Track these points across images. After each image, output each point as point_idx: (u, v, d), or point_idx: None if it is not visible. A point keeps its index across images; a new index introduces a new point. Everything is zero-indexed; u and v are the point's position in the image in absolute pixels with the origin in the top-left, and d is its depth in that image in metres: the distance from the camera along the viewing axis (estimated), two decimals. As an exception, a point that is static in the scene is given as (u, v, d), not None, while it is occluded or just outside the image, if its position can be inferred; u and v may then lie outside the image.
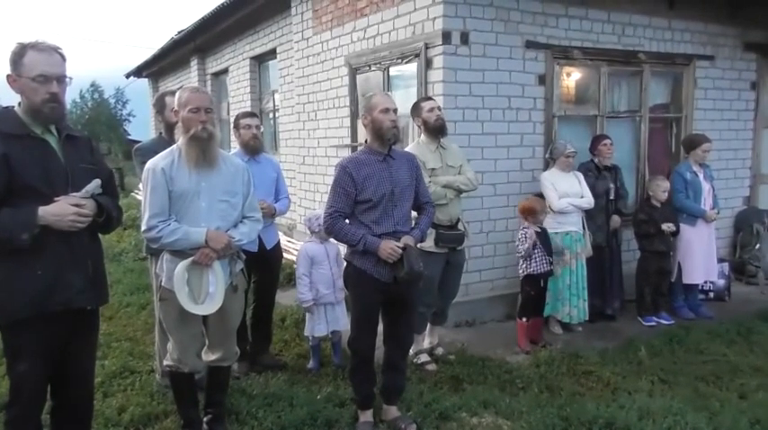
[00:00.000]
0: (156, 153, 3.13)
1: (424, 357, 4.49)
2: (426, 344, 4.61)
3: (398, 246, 3.20)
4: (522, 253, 4.81)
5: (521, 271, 4.92)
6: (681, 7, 6.40)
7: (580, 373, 4.34)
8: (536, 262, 4.81)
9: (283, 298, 5.51)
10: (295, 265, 4.63)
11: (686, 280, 5.79)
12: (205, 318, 3.12)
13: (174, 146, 3.11)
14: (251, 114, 4.58)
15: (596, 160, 5.58)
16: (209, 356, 3.26)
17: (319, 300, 4.37)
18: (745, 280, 6.80)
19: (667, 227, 5.50)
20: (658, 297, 5.66)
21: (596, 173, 5.52)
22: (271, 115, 9.73)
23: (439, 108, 4.47)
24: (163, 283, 3.10)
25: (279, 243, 4.60)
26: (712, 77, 6.81)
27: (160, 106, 3.94)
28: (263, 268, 4.38)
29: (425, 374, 4.30)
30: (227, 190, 3.10)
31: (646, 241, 5.63)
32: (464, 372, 4.28)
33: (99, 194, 2.55)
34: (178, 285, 2.95)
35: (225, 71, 11.15)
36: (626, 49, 6.16)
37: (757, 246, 6.84)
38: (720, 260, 6.38)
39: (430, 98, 4.69)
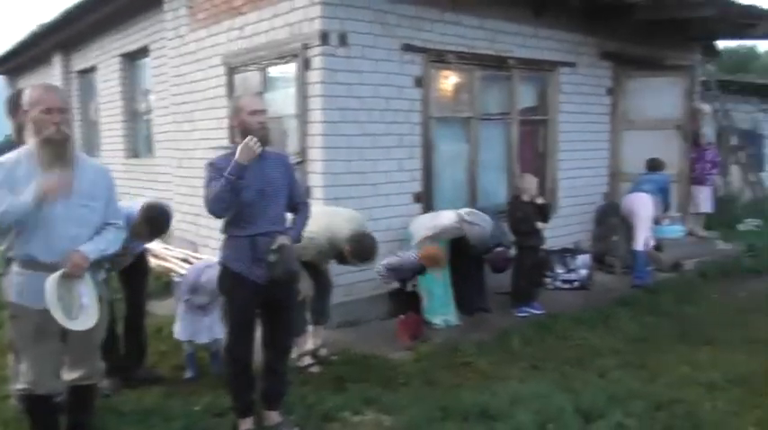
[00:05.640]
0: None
1: (308, 359, 4.48)
2: (310, 345, 4.60)
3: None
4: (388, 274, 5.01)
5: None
6: (546, 16, 6.82)
7: (458, 365, 4.51)
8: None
9: (160, 307, 5.28)
10: (177, 278, 4.48)
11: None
12: (64, 332, 2.90)
13: (24, 148, 2.87)
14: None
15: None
16: (70, 375, 3.02)
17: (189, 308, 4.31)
18: (605, 269, 7.37)
19: (543, 225, 5.87)
20: (531, 289, 6.01)
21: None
22: (144, 117, 9.28)
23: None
24: (13, 299, 2.85)
25: (145, 248, 4.42)
26: (574, 83, 7.32)
27: (13, 106, 3.61)
28: (131, 276, 4.18)
29: (309, 376, 4.28)
30: (87, 194, 2.91)
31: (523, 238, 5.95)
32: (347, 372, 4.31)
33: None
34: (51, 301, 2.72)
35: (92, 69, 10.46)
36: (497, 54, 6.48)
37: (614, 237, 7.44)
38: (583, 251, 6.91)
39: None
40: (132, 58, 9.33)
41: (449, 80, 6.39)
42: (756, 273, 7.64)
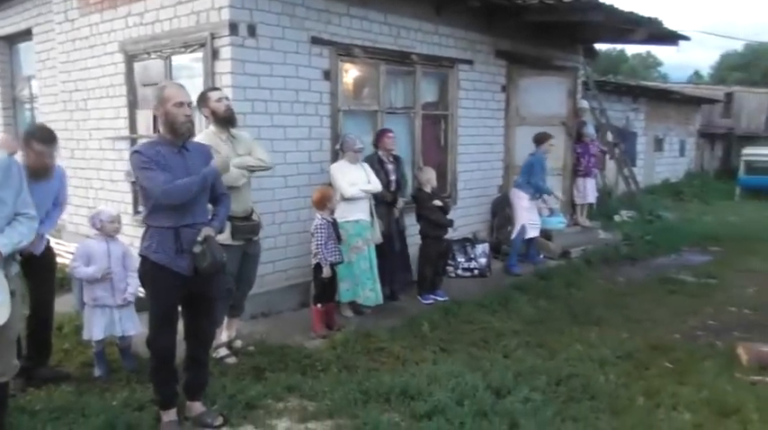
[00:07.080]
0: None
1: (224, 351, 4.45)
2: (224, 337, 4.56)
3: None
4: (315, 249, 5.01)
5: (313, 260, 5.10)
6: (446, 14, 7.11)
7: (373, 350, 4.66)
8: (328, 251, 5.03)
9: (59, 304, 4.98)
10: (68, 268, 4.28)
11: (529, 235, 7.45)
12: (-23, 329, 2.75)
13: None
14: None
15: (380, 153, 5.98)
16: (-19, 373, 2.87)
17: (96, 301, 4.12)
18: (501, 257, 7.81)
19: (437, 202, 6.15)
20: (435, 277, 6.28)
21: (380, 165, 5.91)
22: (27, 105, 8.65)
23: (227, 98, 4.46)
24: None
25: (49, 242, 4.21)
26: (472, 80, 7.69)
27: None
28: (37, 271, 3.96)
29: (226, 367, 4.26)
30: None
31: (429, 228, 6.18)
32: (265, 362, 4.34)
33: None
34: None
35: (-36, 51, 9.60)
36: (401, 49, 6.68)
37: (509, 228, 7.90)
38: (482, 241, 7.29)
39: (217, 88, 4.67)
40: (12, 41, 8.67)
41: (356, 74, 6.51)
42: (632, 259, 8.44)
